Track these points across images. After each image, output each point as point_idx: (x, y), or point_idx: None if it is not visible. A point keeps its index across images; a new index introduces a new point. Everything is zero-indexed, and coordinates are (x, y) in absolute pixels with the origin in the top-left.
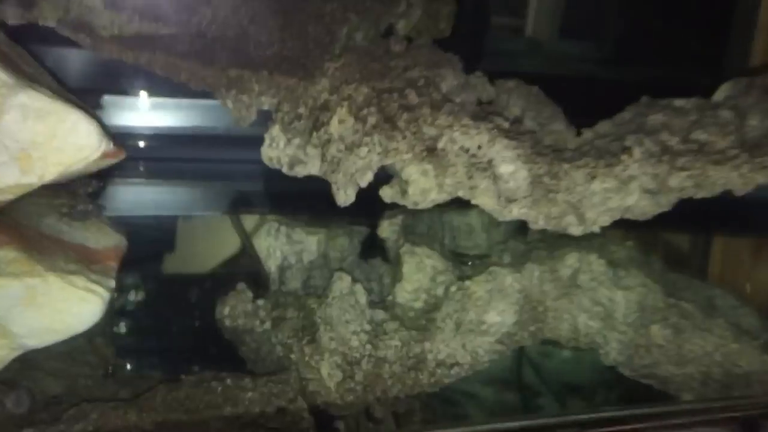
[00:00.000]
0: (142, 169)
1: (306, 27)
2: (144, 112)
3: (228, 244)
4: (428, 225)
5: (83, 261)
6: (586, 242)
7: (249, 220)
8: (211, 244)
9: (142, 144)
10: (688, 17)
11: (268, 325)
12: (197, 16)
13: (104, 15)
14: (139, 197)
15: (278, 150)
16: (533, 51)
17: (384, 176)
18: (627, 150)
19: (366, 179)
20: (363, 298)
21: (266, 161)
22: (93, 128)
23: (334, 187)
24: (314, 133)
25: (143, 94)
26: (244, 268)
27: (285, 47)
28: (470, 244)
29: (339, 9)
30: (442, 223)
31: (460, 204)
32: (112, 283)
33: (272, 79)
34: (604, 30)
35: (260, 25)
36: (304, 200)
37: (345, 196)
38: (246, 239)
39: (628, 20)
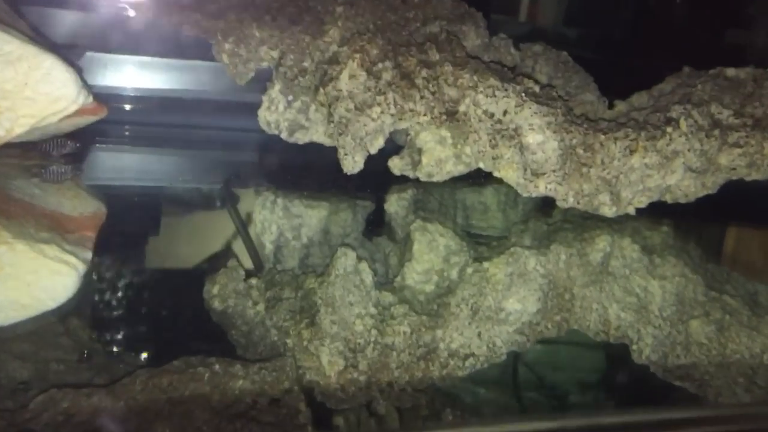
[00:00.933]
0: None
1: None
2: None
3: (219, 218)
4: (439, 202)
5: (57, 229)
6: (617, 225)
7: (243, 193)
8: (200, 217)
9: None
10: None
11: (261, 306)
12: None
13: None
14: (120, 163)
15: (277, 113)
16: None
17: (389, 150)
18: (672, 122)
19: (377, 145)
20: (369, 278)
21: (264, 126)
22: (70, 77)
23: (340, 152)
24: (321, 90)
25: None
26: (237, 244)
27: None
28: (485, 224)
29: None
30: (455, 201)
31: (473, 181)
32: (89, 255)
33: (275, 24)
34: None
35: None
36: (304, 171)
37: (353, 163)
38: (235, 215)
39: None
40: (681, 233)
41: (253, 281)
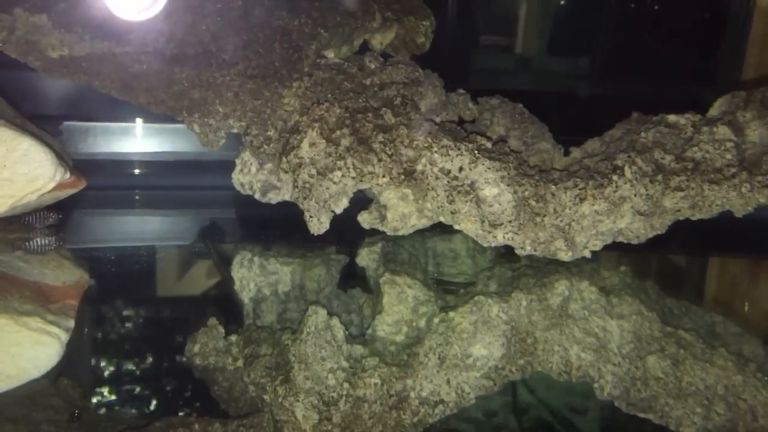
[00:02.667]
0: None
1: (272, 44)
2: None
3: (198, 276)
4: (410, 252)
5: (40, 299)
6: (576, 268)
7: (221, 250)
8: (180, 275)
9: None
10: (681, 32)
11: (240, 363)
12: (154, 34)
13: (53, 34)
14: (102, 227)
15: (250, 175)
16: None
17: (363, 198)
18: (618, 170)
19: (341, 205)
20: (340, 333)
21: (238, 187)
22: (47, 157)
23: (306, 215)
24: (284, 158)
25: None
26: (216, 301)
27: (250, 66)
28: (455, 270)
29: (307, 24)
30: (426, 249)
31: (443, 228)
32: (71, 323)
33: (237, 100)
34: (595, 45)
35: (222, 42)
36: (278, 227)
37: (318, 224)
38: (221, 269)
39: (620, 35)
40: (640, 270)
41: (233, 338)
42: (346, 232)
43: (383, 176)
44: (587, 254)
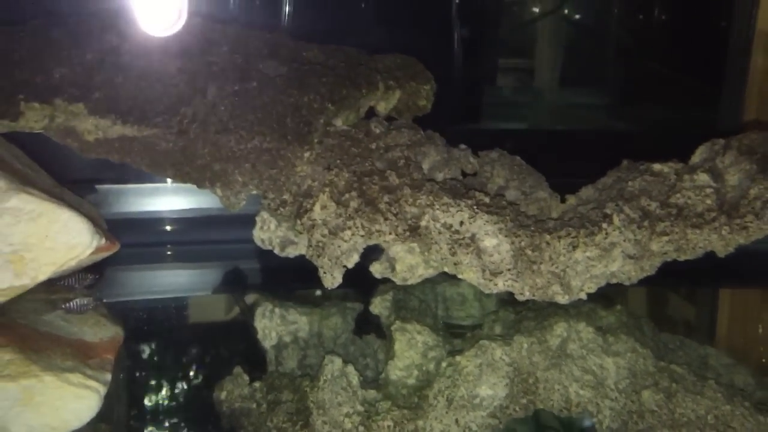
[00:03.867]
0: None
1: (284, 119)
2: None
3: (224, 325)
4: (420, 298)
5: (79, 356)
6: (574, 309)
7: (244, 300)
8: (208, 325)
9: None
10: (682, 74)
11: (264, 408)
12: (178, 116)
13: (88, 120)
14: (139, 281)
15: (269, 232)
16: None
17: (376, 249)
18: (607, 218)
19: (352, 261)
20: (355, 379)
21: (258, 243)
22: (84, 226)
23: (320, 271)
24: (298, 220)
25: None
26: (241, 349)
27: (265, 140)
28: (463, 314)
29: (316, 100)
30: (435, 295)
31: (453, 275)
32: (108, 377)
33: (255, 170)
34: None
35: (240, 120)
36: (298, 277)
37: (332, 279)
38: (246, 315)
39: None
40: (637, 308)
41: (257, 385)
42: (363, 279)
43: (390, 233)
44: (583, 296)
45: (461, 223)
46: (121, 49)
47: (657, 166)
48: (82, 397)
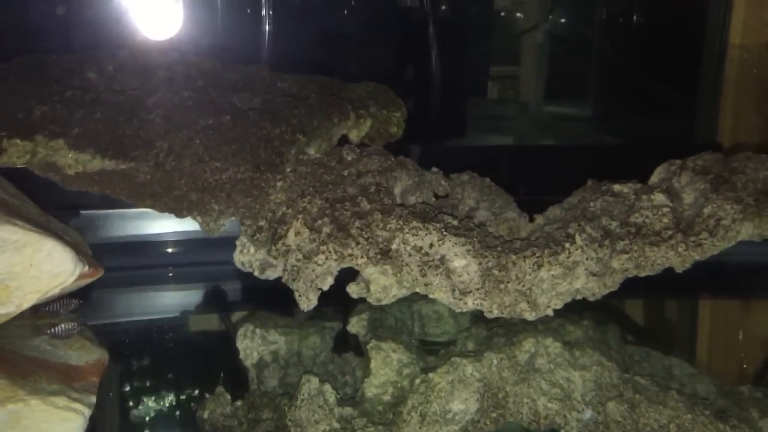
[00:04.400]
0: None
1: (257, 151)
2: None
3: (205, 345)
4: (396, 316)
5: (65, 379)
6: (543, 325)
7: (224, 321)
8: (190, 345)
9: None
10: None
11: (245, 427)
12: (154, 150)
13: (69, 155)
14: (122, 303)
15: (249, 255)
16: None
17: (354, 271)
18: (570, 237)
19: (327, 283)
20: (331, 398)
21: (238, 266)
22: (68, 255)
23: (296, 294)
24: (273, 246)
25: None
26: (224, 370)
27: (239, 171)
28: (439, 331)
29: (287, 131)
30: (411, 313)
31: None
32: (93, 399)
33: (230, 199)
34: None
35: (214, 152)
36: (277, 298)
37: (307, 301)
38: (230, 334)
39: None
40: (606, 320)
41: (238, 404)
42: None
43: (362, 257)
44: (550, 313)
45: (431, 245)
46: (100, 86)
47: (617, 187)
48: (67, 419)
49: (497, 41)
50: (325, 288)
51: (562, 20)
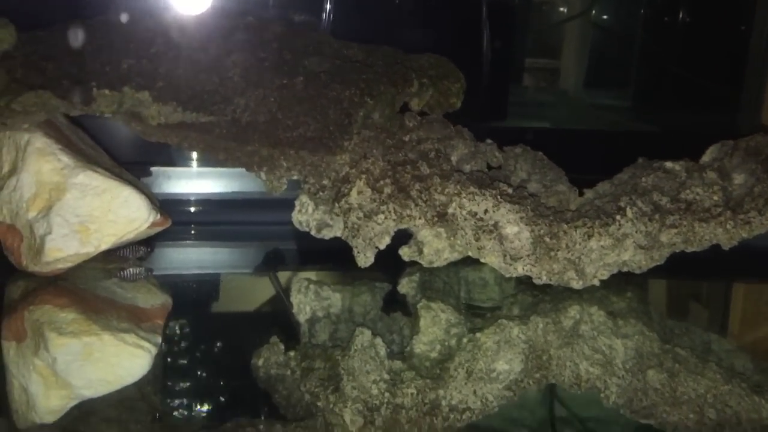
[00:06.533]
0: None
1: (327, 111)
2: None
3: (264, 300)
4: (444, 280)
5: (133, 319)
6: (588, 294)
7: (282, 278)
8: (248, 300)
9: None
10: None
11: (297, 375)
12: (232, 106)
13: (152, 107)
14: (184, 257)
15: (307, 215)
16: None
17: (405, 235)
18: (621, 210)
19: (384, 242)
20: (382, 351)
21: (296, 225)
22: (143, 202)
23: (354, 251)
24: (336, 203)
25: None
26: (278, 322)
27: (309, 129)
28: (484, 297)
29: (356, 94)
30: (459, 278)
31: (474, 260)
32: (159, 339)
33: (298, 156)
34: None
35: (287, 111)
36: (333, 258)
37: (365, 259)
38: (282, 294)
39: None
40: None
41: (291, 354)
42: (392, 263)
43: (419, 218)
44: (596, 283)
45: (485, 211)
46: (182, 44)
47: (669, 164)
48: (135, 356)
49: (539, 31)
50: (382, 247)
51: (605, 13)
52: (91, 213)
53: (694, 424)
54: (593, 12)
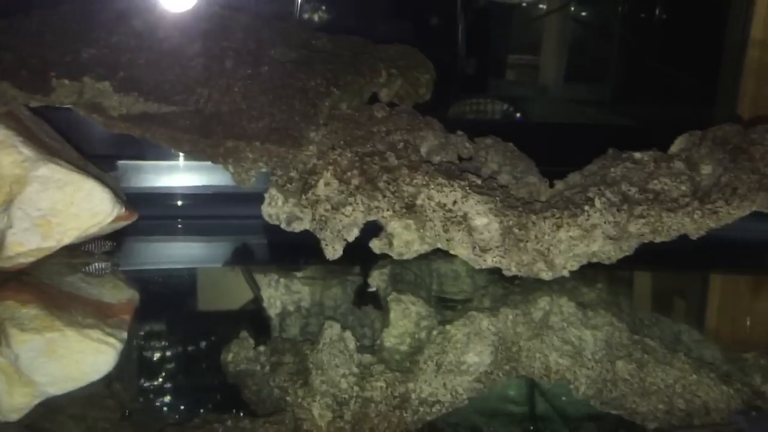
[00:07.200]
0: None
1: (293, 101)
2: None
3: (233, 295)
4: (416, 273)
5: (99, 315)
6: (558, 286)
7: (252, 272)
8: (217, 294)
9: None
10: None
11: (267, 369)
12: (195, 96)
13: (114, 97)
14: (150, 252)
15: (276, 207)
16: None
17: (377, 227)
18: (589, 201)
19: (352, 235)
20: (352, 344)
21: (266, 218)
22: (106, 195)
23: (322, 243)
24: (303, 195)
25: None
26: (249, 317)
27: (274, 120)
28: (456, 289)
29: (322, 84)
30: (430, 270)
31: (446, 252)
32: (125, 335)
33: (264, 148)
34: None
35: (251, 101)
36: (303, 252)
37: (333, 251)
38: (253, 289)
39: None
40: (618, 287)
41: (261, 349)
42: (362, 255)
43: (388, 210)
44: (566, 274)
45: (454, 202)
46: (144, 33)
47: (637, 155)
48: (100, 351)
49: (518, 27)
50: (351, 239)
51: (583, 7)
52: (53, 206)
53: (663, 414)
54: (572, 8)
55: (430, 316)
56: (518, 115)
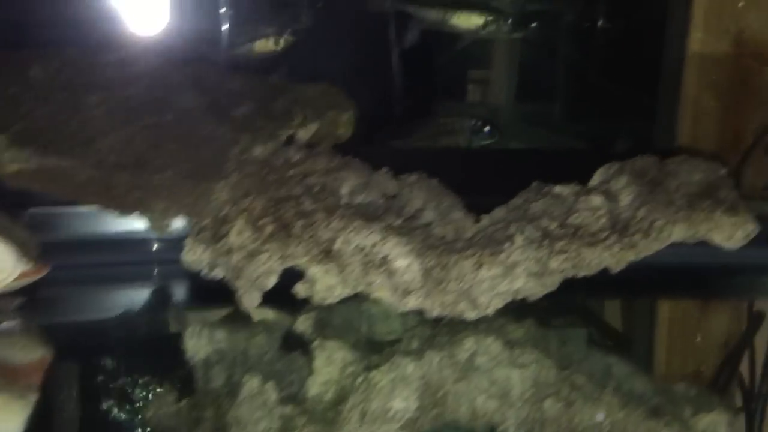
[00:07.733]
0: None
1: (200, 150)
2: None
3: (155, 344)
4: (344, 316)
5: (6, 378)
6: (485, 324)
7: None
8: (138, 344)
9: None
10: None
11: (188, 425)
12: (96, 147)
13: (9, 151)
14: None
15: (197, 254)
16: None
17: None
18: (510, 238)
19: (270, 282)
20: (273, 396)
21: (188, 266)
22: (9, 252)
23: (238, 293)
24: (216, 245)
25: None
26: (171, 369)
27: (181, 169)
28: (386, 330)
29: (229, 131)
30: (360, 312)
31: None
32: (34, 397)
33: (174, 197)
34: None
35: (156, 151)
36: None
37: (250, 300)
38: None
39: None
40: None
41: (182, 403)
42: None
43: (304, 256)
44: (491, 312)
45: (373, 245)
46: (44, 83)
47: (558, 188)
48: (6, 420)
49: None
50: (269, 287)
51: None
52: None
53: None
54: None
55: (356, 362)
56: (487, 128)
